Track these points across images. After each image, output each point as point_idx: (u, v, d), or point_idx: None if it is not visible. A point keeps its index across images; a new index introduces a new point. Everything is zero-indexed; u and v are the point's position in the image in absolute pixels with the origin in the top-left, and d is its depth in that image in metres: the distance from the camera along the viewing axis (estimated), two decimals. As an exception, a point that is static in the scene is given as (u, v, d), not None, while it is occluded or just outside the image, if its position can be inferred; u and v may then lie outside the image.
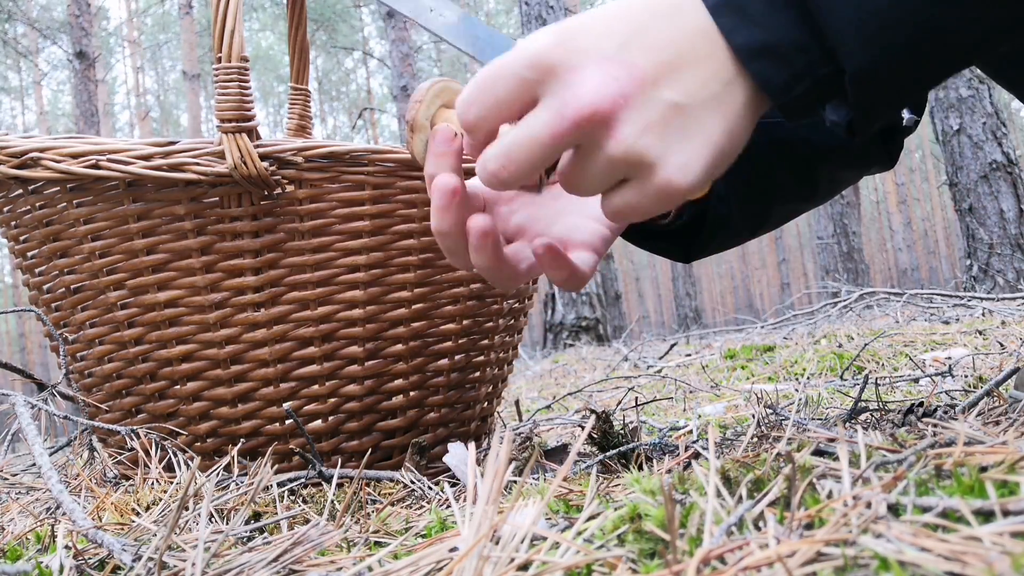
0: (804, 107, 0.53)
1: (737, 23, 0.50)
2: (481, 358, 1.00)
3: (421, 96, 0.64)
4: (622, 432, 0.87)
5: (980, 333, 1.98)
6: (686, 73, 0.51)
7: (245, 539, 0.62)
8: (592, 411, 0.88)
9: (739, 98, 0.52)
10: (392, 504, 0.75)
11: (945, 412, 0.85)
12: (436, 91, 0.65)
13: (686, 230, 0.82)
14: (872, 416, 0.92)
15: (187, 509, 0.70)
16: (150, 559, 0.54)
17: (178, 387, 0.89)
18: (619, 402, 1.51)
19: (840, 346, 2.06)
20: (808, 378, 1.58)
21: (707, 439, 0.83)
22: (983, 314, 2.73)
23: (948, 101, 5.03)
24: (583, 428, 1.14)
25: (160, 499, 0.76)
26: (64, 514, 0.69)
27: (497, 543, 0.43)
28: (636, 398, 1.47)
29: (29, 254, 0.93)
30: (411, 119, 0.64)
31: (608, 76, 0.51)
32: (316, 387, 0.89)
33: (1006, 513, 0.39)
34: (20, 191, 0.87)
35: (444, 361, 0.95)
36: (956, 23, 0.49)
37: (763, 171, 0.82)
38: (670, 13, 0.52)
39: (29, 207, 0.88)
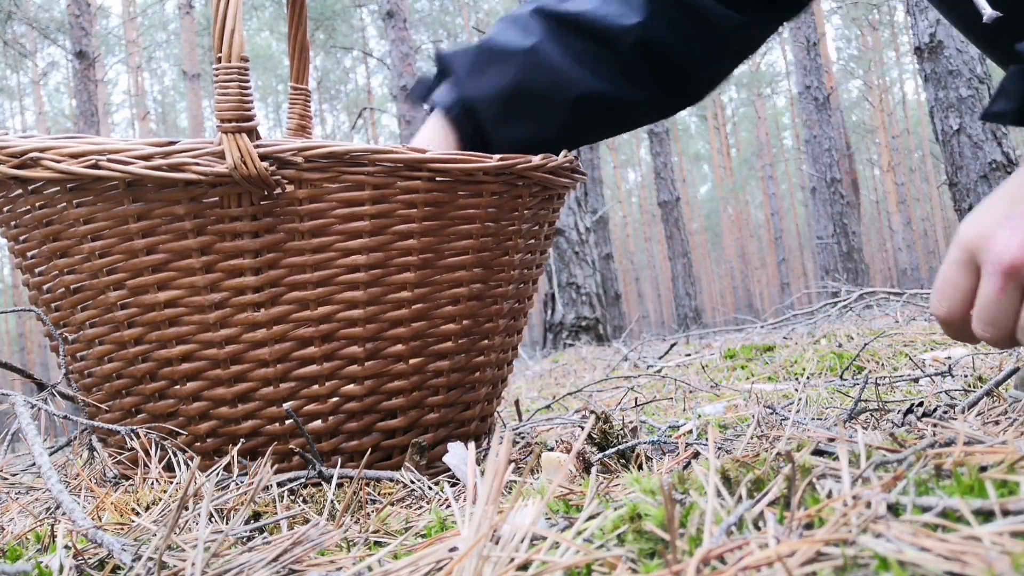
0: None
1: None
2: (481, 358, 1.00)
3: None
4: (622, 432, 0.87)
5: (980, 333, 1.97)
6: None
7: (245, 539, 0.62)
8: (592, 411, 0.88)
9: None
10: (392, 504, 0.76)
11: (945, 412, 0.85)
12: None
13: None
14: (872, 416, 0.92)
15: (187, 509, 0.70)
16: (150, 559, 0.54)
17: (178, 387, 0.89)
18: (619, 402, 1.51)
19: (840, 346, 2.06)
20: (808, 378, 1.58)
21: (707, 439, 0.83)
22: (983, 314, 2.72)
23: (948, 101, 5.01)
24: (583, 428, 1.14)
25: (160, 499, 0.76)
26: (64, 514, 0.69)
27: (497, 543, 0.43)
28: (636, 398, 1.47)
29: (29, 254, 0.93)
30: None
31: (1016, 229, 0.61)
32: (316, 387, 0.89)
33: (1006, 513, 0.39)
34: (20, 191, 0.87)
35: (444, 361, 0.95)
36: None
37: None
38: None
39: (29, 207, 0.88)
